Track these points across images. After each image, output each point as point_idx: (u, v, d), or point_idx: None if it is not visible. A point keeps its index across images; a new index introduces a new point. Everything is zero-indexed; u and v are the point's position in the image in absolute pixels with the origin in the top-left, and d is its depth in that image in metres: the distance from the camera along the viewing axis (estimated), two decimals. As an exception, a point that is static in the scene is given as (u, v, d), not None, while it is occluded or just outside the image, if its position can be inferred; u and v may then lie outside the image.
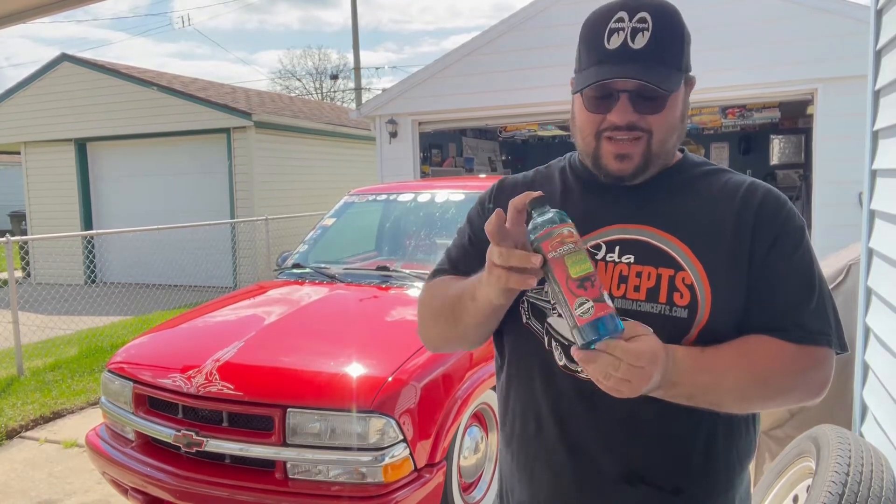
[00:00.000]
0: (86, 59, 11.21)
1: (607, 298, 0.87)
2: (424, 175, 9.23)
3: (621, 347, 0.85)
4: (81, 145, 11.20)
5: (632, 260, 1.03)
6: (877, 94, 2.50)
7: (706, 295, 0.99)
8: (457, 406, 2.67)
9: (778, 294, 1.01)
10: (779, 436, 2.67)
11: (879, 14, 2.44)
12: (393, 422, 2.39)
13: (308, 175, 11.32)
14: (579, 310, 0.85)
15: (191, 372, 2.65)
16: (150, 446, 2.73)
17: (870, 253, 2.50)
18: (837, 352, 1.03)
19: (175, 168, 10.77)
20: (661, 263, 1.02)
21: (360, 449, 2.38)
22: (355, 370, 2.55)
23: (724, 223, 1.04)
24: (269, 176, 10.38)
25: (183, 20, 63.38)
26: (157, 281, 10.17)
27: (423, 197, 4.17)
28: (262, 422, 2.48)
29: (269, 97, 13.49)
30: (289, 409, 2.42)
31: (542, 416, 1.10)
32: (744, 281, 1.01)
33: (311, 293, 3.46)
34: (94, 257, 10.62)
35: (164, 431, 2.63)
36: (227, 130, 10.11)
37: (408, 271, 3.54)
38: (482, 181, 4.62)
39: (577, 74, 1.07)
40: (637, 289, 1.01)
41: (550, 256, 0.88)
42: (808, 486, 1.95)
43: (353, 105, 22.85)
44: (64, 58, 10.96)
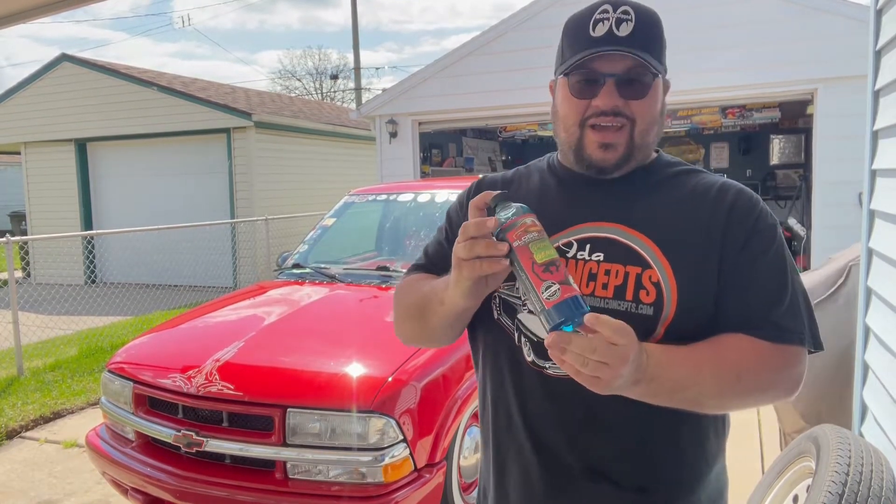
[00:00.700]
0: (86, 59, 11.21)
1: (572, 282, 0.88)
2: (424, 175, 9.23)
3: (601, 321, 0.83)
4: (81, 145, 11.20)
5: (601, 258, 1.04)
6: (877, 94, 2.50)
7: (672, 293, 1.00)
8: (457, 406, 2.67)
9: (751, 293, 1.01)
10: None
11: (879, 14, 2.44)
12: (393, 422, 2.39)
13: (308, 175, 11.32)
14: (546, 293, 0.86)
15: (191, 372, 2.65)
16: (150, 446, 2.73)
17: (870, 253, 2.50)
18: (811, 350, 1.03)
19: (175, 168, 10.77)
20: (629, 261, 1.02)
21: (360, 449, 2.38)
22: (355, 370, 2.55)
23: (695, 222, 1.04)
24: (269, 176, 10.38)
25: (183, 20, 63.39)
26: (157, 281, 10.17)
27: (423, 197, 4.17)
28: (262, 422, 2.48)
29: (269, 97, 13.50)
30: (289, 409, 2.42)
31: (512, 411, 1.11)
32: (713, 281, 1.01)
33: (311, 293, 3.46)
34: (94, 257, 10.62)
35: (164, 431, 2.63)
36: (227, 130, 10.11)
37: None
38: (482, 181, 4.61)
39: (561, 66, 1.09)
40: (605, 286, 1.02)
41: (516, 245, 0.90)
42: (808, 486, 1.95)
43: (353, 105, 22.86)
44: (64, 58, 10.96)
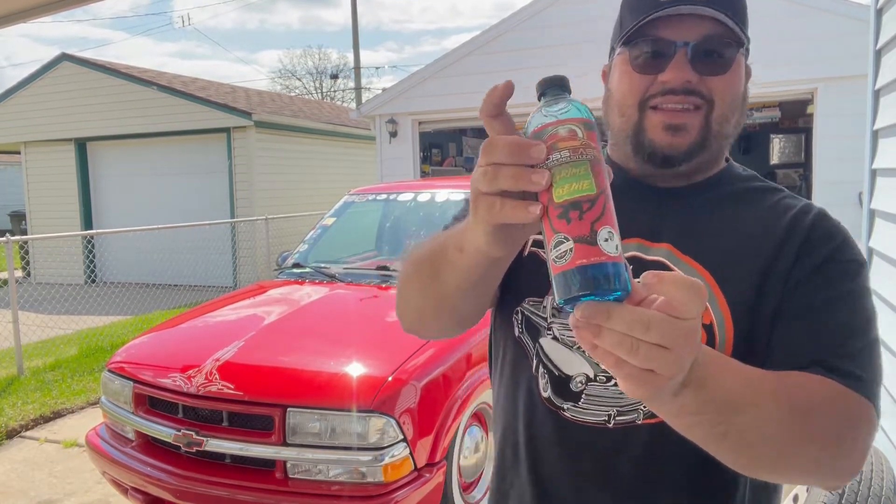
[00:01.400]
0: (86, 58, 11.21)
1: (607, 243, 0.54)
2: (424, 175, 9.23)
3: (665, 279, 0.54)
4: (81, 145, 11.19)
5: None
6: (877, 94, 2.51)
7: (727, 338, 0.81)
8: (457, 406, 2.67)
9: (825, 325, 0.79)
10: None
11: (879, 13, 2.45)
12: (393, 421, 2.39)
13: (308, 175, 11.32)
14: (554, 252, 0.55)
15: (191, 371, 2.65)
16: (150, 446, 2.73)
17: (870, 252, 2.50)
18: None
19: (175, 168, 10.77)
20: None
21: (360, 448, 2.38)
22: (355, 370, 2.55)
23: (765, 251, 0.84)
24: (269, 176, 10.37)
25: (183, 20, 63.39)
26: (157, 281, 10.17)
27: (423, 197, 4.17)
28: (263, 421, 2.48)
29: (269, 97, 13.49)
30: (289, 409, 2.42)
31: (520, 447, 0.94)
32: (779, 322, 0.81)
33: (311, 293, 3.46)
34: (94, 257, 10.62)
35: (164, 431, 2.63)
36: (227, 130, 10.11)
37: (408, 271, 3.54)
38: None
39: (618, 37, 0.89)
40: None
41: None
42: (808, 486, 1.95)
43: (353, 105, 22.85)
44: (64, 57, 10.96)
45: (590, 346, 0.55)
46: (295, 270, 3.87)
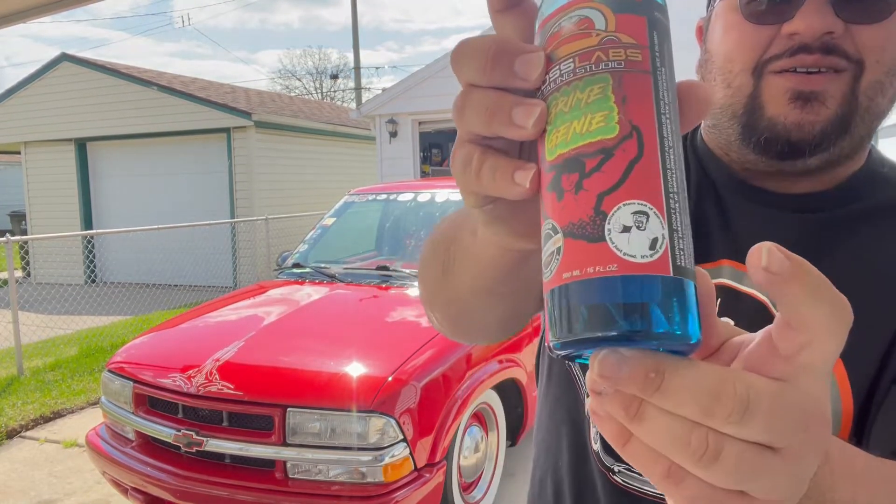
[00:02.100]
0: (85, 58, 11.21)
1: (632, 236, 0.28)
2: (424, 175, 9.24)
3: (801, 277, 0.27)
4: (81, 145, 11.19)
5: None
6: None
7: (841, 409, 0.58)
8: (457, 406, 2.67)
9: None
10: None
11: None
12: (393, 421, 2.39)
13: (308, 175, 11.32)
14: (545, 252, 0.31)
15: (191, 372, 2.65)
16: (150, 446, 2.73)
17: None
18: None
19: (175, 168, 10.77)
20: None
21: (360, 448, 2.38)
22: (355, 370, 2.55)
23: None
24: (269, 176, 10.37)
25: (183, 19, 63.41)
26: (157, 281, 10.17)
27: (423, 197, 4.17)
28: (263, 421, 2.48)
29: (269, 97, 13.49)
30: (289, 409, 2.43)
31: (563, 488, 0.75)
32: None
33: (311, 293, 3.46)
34: (94, 257, 10.62)
35: (164, 431, 2.63)
36: (227, 130, 10.11)
37: (408, 271, 3.54)
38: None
39: None
40: None
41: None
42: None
43: (353, 105, 22.86)
44: (64, 57, 10.96)
45: (618, 438, 0.30)
46: (295, 270, 3.88)
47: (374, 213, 4.52)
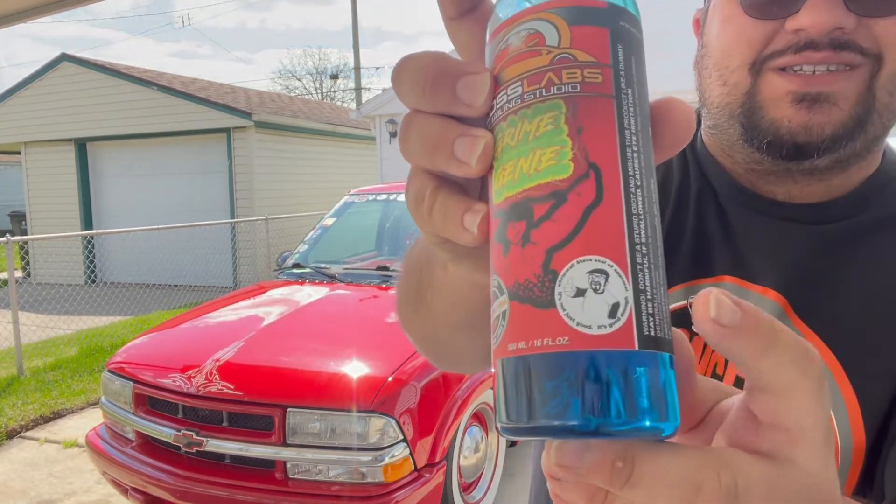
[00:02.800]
0: (86, 59, 11.21)
1: (586, 301, 0.23)
2: (424, 175, 9.24)
3: (783, 344, 0.23)
4: (81, 145, 11.20)
5: None
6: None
7: (855, 453, 0.52)
8: (457, 406, 2.67)
9: None
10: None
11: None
12: (393, 421, 2.39)
13: (308, 175, 11.32)
14: (492, 313, 0.27)
15: (191, 372, 2.65)
16: (150, 446, 2.73)
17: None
18: None
19: (175, 168, 10.77)
20: None
21: (360, 449, 2.38)
22: (355, 370, 2.55)
23: None
24: (269, 176, 10.38)
25: (183, 20, 63.42)
26: (157, 281, 10.17)
27: (423, 197, 4.17)
28: (262, 421, 2.48)
29: (269, 97, 13.49)
30: (289, 409, 2.43)
31: None
32: None
33: (311, 293, 3.47)
34: (94, 257, 10.62)
35: (164, 431, 2.63)
36: (227, 130, 10.12)
37: (408, 271, 3.54)
38: (482, 181, 4.62)
39: None
40: None
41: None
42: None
43: (353, 105, 22.87)
44: (64, 58, 10.96)
45: None
46: (295, 271, 3.88)
47: (374, 213, 4.53)
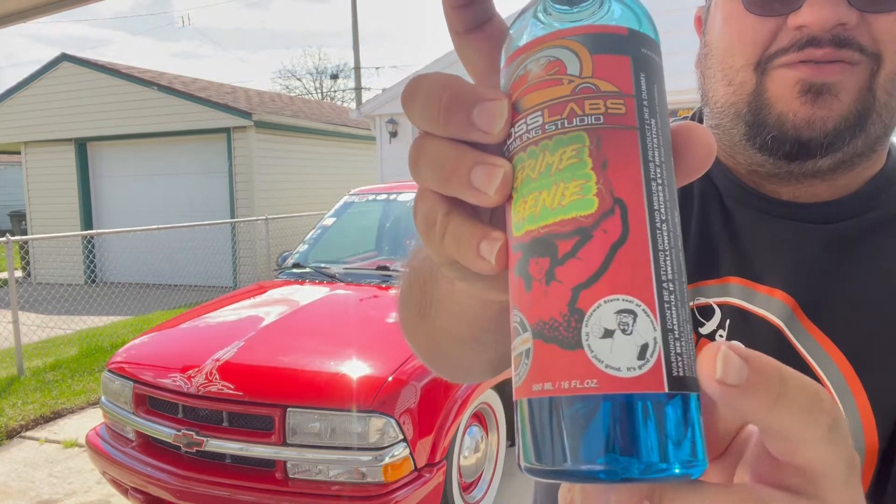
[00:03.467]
0: (86, 59, 11.20)
1: (615, 343, 0.23)
2: (424, 175, 9.24)
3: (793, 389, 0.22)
4: (81, 145, 11.19)
5: None
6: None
7: (866, 453, 0.52)
8: (457, 406, 2.67)
9: None
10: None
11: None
12: (393, 421, 2.39)
13: (308, 175, 11.32)
14: (514, 350, 0.26)
15: (191, 372, 2.65)
16: (151, 446, 2.73)
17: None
18: None
19: (175, 168, 10.77)
20: None
21: (360, 449, 2.38)
22: (355, 370, 2.55)
23: None
24: (269, 176, 10.38)
25: (183, 20, 63.42)
26: (157, 281, 10.18)
27: (424, 197, 4.17)
28: (262, 421, 2.48)
29: (269, 97, 13.49)
30: (289, 409, 2.42)
31: None
32: None
33: (311, 293, 3.46)
34: (94, 257, 10.62)
35: (164, 431, 2.63)
36: (227, 130, 10.12)
37: (408, 271, 3.54)
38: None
39: None
40: None
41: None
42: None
43: (353, 105, 22.87)
44: (64, 58, 10.96)
45: None
46: (295, 270, 3.87)
47: (374, 213, 4.52)
